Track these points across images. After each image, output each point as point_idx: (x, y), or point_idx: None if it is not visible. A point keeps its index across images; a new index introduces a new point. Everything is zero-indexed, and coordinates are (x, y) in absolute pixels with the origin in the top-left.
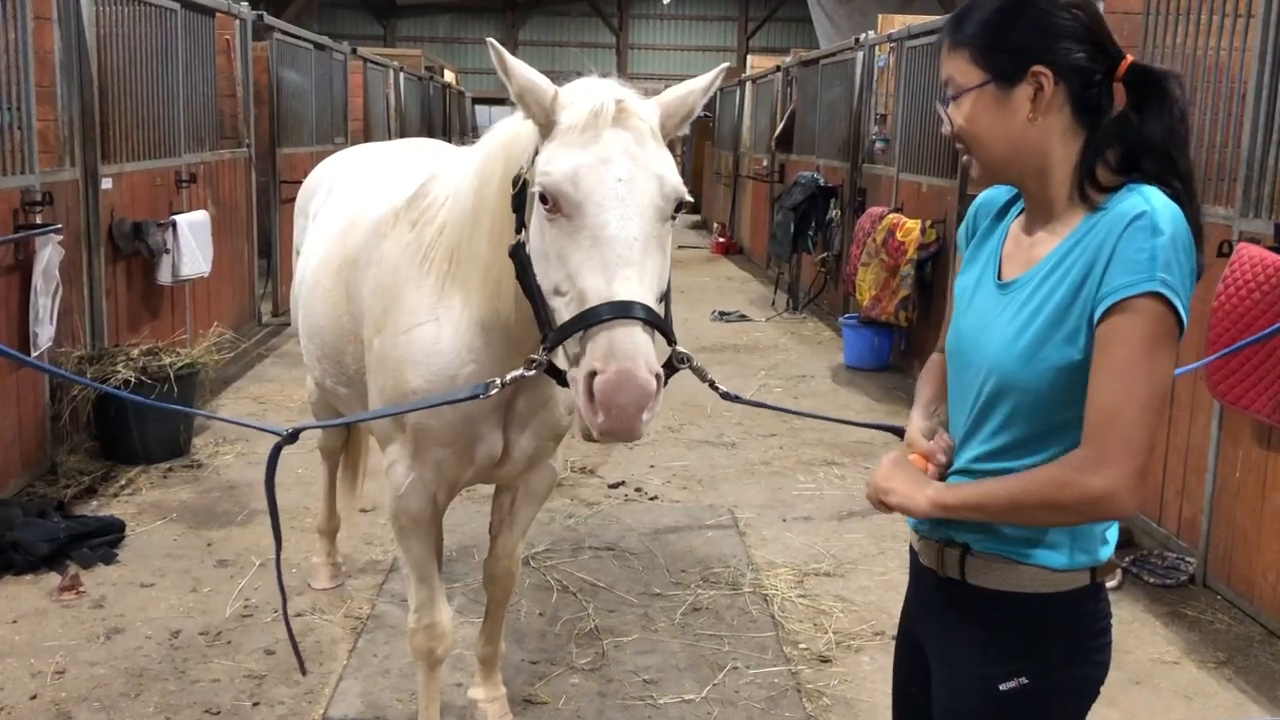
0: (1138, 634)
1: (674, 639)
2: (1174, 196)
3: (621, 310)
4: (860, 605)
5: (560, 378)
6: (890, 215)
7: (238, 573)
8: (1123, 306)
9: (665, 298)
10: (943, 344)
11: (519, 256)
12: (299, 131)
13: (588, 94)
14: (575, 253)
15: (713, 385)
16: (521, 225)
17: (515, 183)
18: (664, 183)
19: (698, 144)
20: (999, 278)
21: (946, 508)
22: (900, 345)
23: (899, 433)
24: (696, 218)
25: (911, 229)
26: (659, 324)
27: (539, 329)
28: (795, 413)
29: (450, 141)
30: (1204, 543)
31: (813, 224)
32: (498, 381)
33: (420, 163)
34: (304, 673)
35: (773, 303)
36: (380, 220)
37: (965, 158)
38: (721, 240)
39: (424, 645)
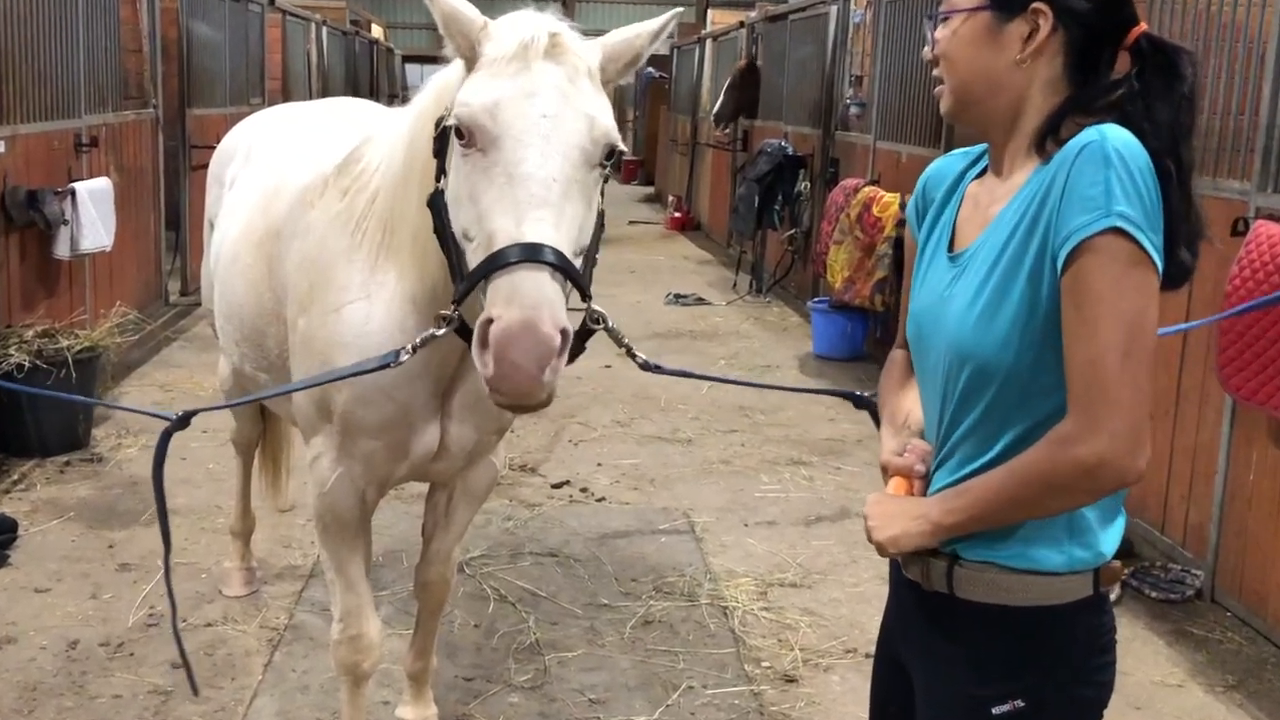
0: (1138, 654)
1: (623, 655)
2: (1160, 173)
3: (529, 253)
4: (830, 620)
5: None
6: (866, 188)
7: (142, 577)
8: (1082, 249)
9: (589, 257)
10: (902, 338)
11: (436, 205)
12: (211, 91)
13: (519, 25)
14: (488, 192)
15: (630, 351)
16: (442, 172)
17: (437, 125)
18: (594, 124)
19: (652, 108)
20: (951, 249)
21: (953, 528)
22: (875, 332)
23: (850, 398)
24: (649, 190)
25: (889, 203)
26: (571, 273)
27: (453, 284)
28: (727, 380)
29: (379, 103)
30: (1212, 553)
31: (779, 197)
32: (408, 347)
33: (352, 124)
34: (195, 692)
35: (734, 285)
36: (307, 188)
37: (938, 88)
38: (677, 215)
39: (348, 659)
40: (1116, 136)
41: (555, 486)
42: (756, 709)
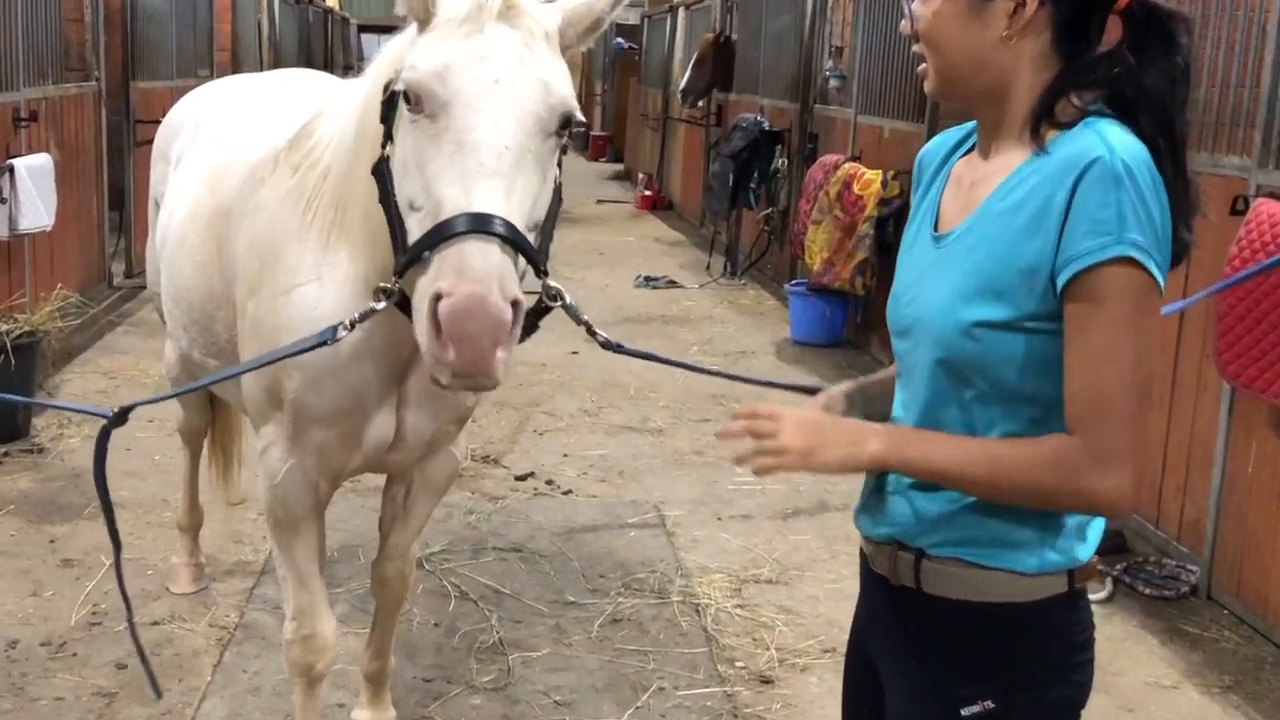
0: (1131, 653)
1: (590, 655)
2: (1152, 149)
3: (478, 224)
4: (807, 618)
5: None
6: (846, 165)
7: (84, 574)
8: (1093, 277)
9: (544, 232)
10: None
11: (381, 174)
12: (157, 62)
13: None
14: (436, 159)
15: (590, 330)
16: (388, 138)
17: (385, 90)
18: (550, 91)
19: (621, 81)
20: (935, 229)
21: (893, 468)
22: (856, 317)
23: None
24: (618, 167)
25: (871, 181)
26: (523, 246)
27: (395, 256)
28: (691, 368)
29: (333, 75)
30: (1209, 548)
31: (755, 175)
32: (346, 323)
33: (304, 98)
34: (158, 695)
35: (707, 267)
36: (257, 164)
37: (922, 66)
38: (648, 194)
39: (302, 659)
40: (1123, 148)
41: (519, 478)
42: (730, 711)
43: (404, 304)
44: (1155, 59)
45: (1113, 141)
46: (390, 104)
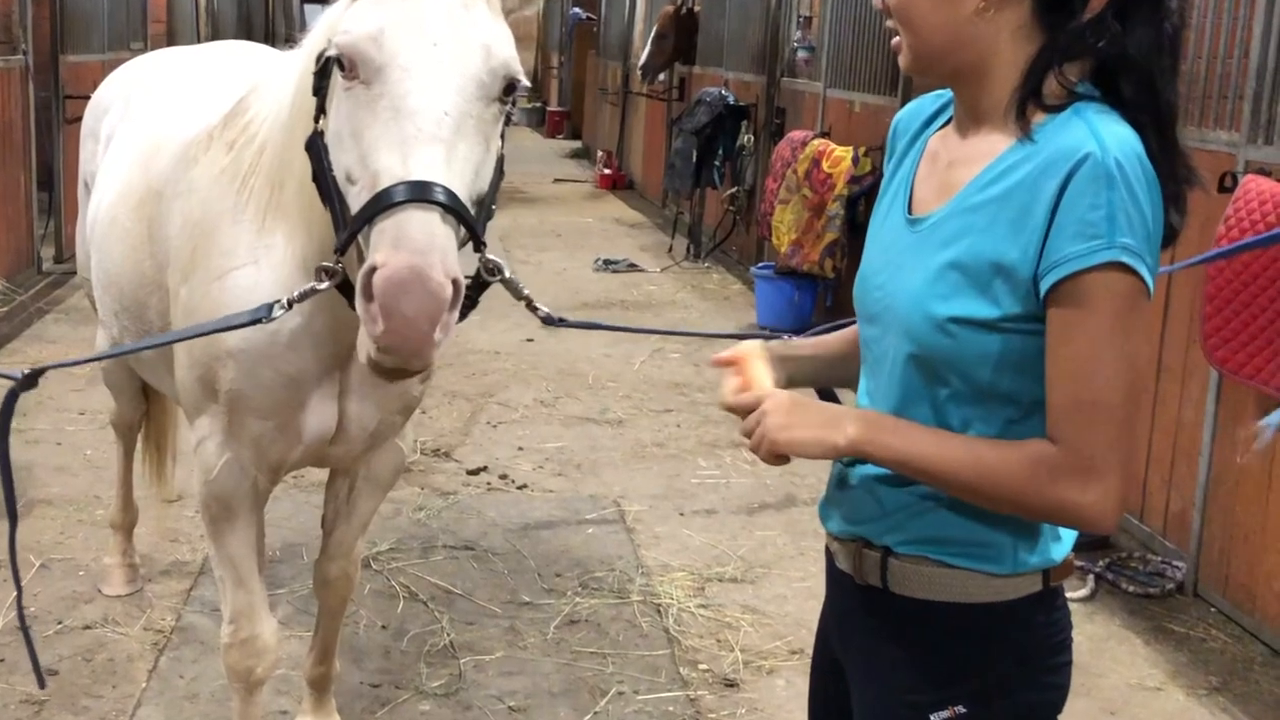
0: (1114, 654)
1: (546, 657)
2: (1138, 125)
3: (417, 192)
4: (774, 617)
5: None
6: (815, 141)
7: (9, 576)
8: (1080, 281)
9: (485, 205)
10: None
11: (315, 148)
12: (88, 35)
13: None
14: (372, 127)
15: (529, 304)
16: (321, 111)
17: (319, 60)
18: (491, 54)
19: (579, 54)
20: (909, 211)
21: (867, 457)
22: (825, 301)
23: (761, 338)
24: (576, 144)
25: (841, 158)
26: (465, 217)
27: (335, 233)
28: (640, 330)
29: (273, 47)
30: (1195, 543)
31: (719, 152)
32: (284, 300)
33: (240, 71)
34: (42, 685)
35: (670, 249)
36: (191, 142)
37: (895, 39)
38: (608, 172)
39: (240, 664)
40: (1116, 142)
41: (471, 473)
42: (693, 716)
43: (346, 286)
44: (1142, 25)
45: (1104, 135)
46: (324, 74)
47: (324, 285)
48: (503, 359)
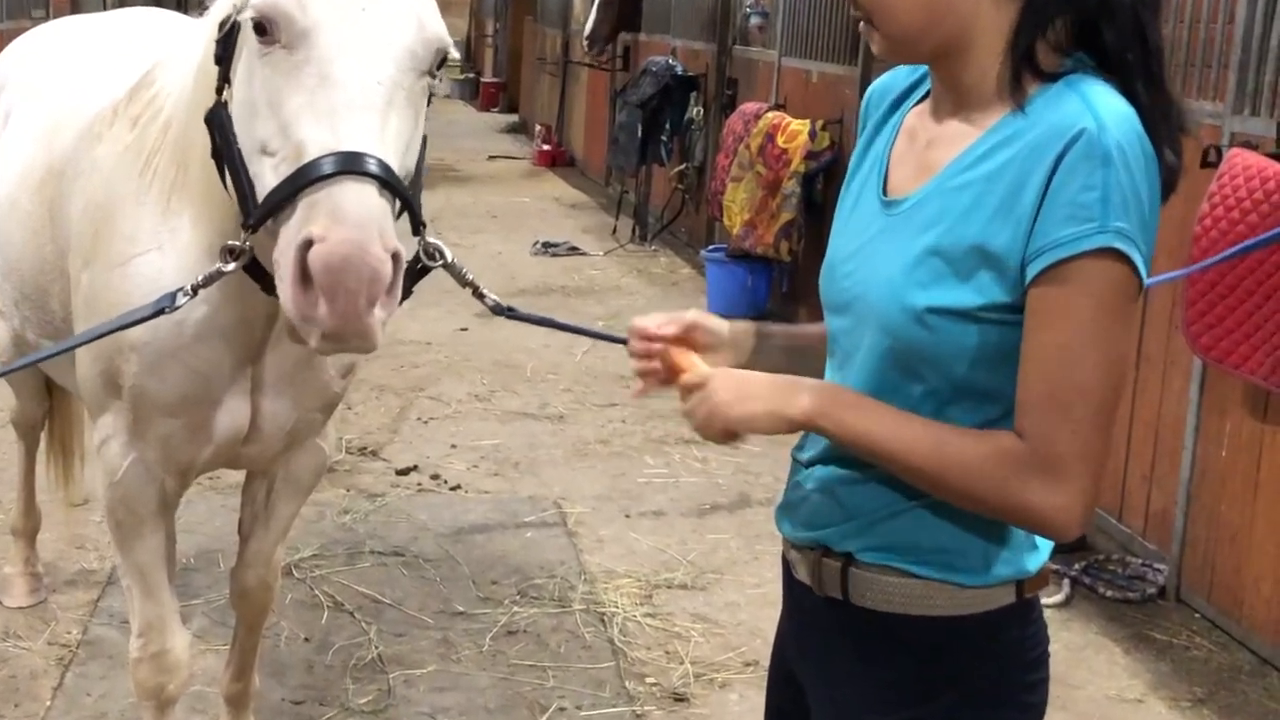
0: (1091, 664)
1: (482, 671)
2: (1128, 94)
3: (350, 163)
4: (726, 627)
5: (271, 282)
6: (769, 114)
7: None
8: (1067, 268)
9: (415, 184)
10: None
11: (218, 120)
12: None
13: None
14: (294, 95)
15: (476, 291)
16: (225, 81)
17: (222, 27)
18: (424, 25)
19: (515, 20)
20: (884, 192)
21: (820, 431)
22: (781, 286)
23: None
24: (513, 118)
25: (797, 132)
26: (401, 191)
27: (242, 209)
28: (599, 335)
29: (188, 14)
30: (1178, 544)
31: (667, 126)
32: (188, 287)
33: (148, 40)
34: None
35: (614, 231)
36: (95, 118)
37: (863, 25)
38: (546, 148)
39: (151, 680)
40: (1113, 117)
41: (401, 473)
42: None
43: (255, 267)
44: None
45: (1101, 110)
46: (227, 42)
47: (230, 267)
48: (434, 350)
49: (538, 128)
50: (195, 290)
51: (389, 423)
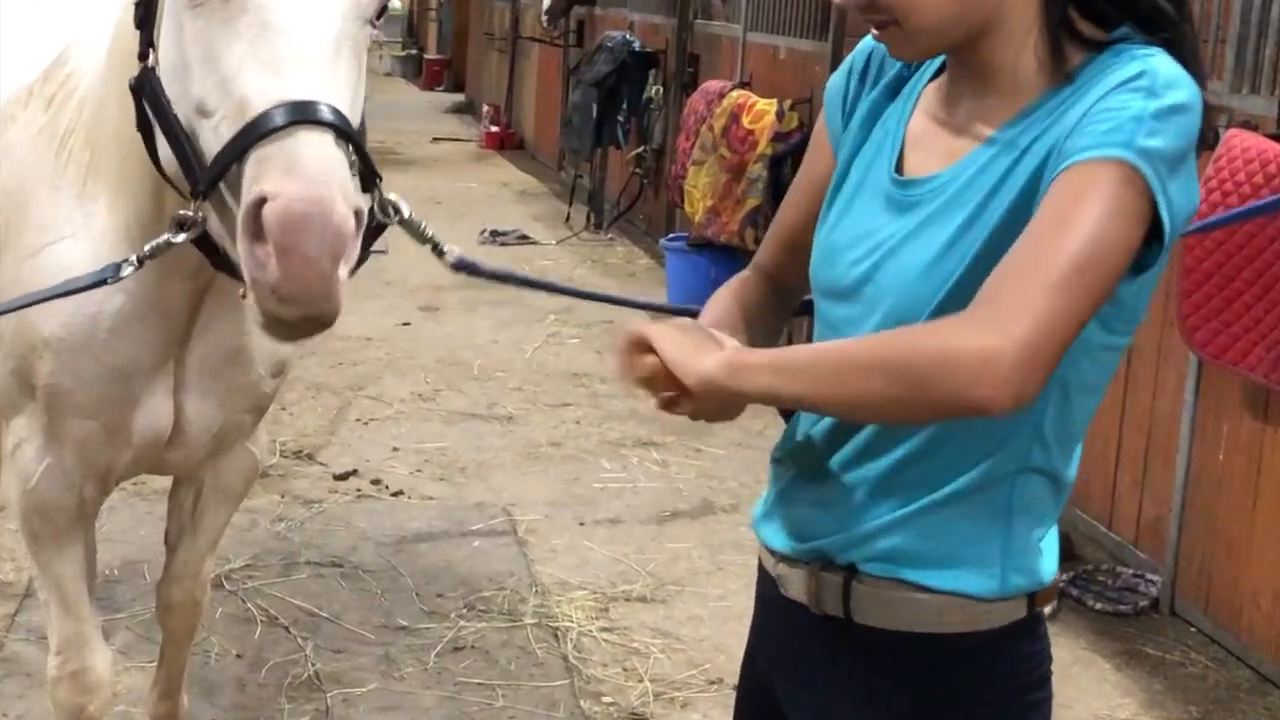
0: (1079, 681)
1: (427, 690)
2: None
3: (303, 113)
4: (688, 642)
5: (223, 258)
6: (734, 93)
7: None
8: (1078, 168)
9: (361, 137)
10: (765, 261)
11: (146, 87)
12: None
13: None
14: (233, 47)
15: (435, 247)
16: (149, 46)
17: None
18: None
19: None
20: (898, 171)
21: (742, 369)
22: None
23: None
24: (459, 98)
25: (764, 112)
26: (357, 141)
27: (188, 179)
28: (566, 291)
29: None
30: (1172, 553)
31: (624, 106)
32: (133, 259)
33: (70, 14)
34: None
35: (567, 218)
36: (8, 101)
37: (873, 32)
38: (495, 130)
39: (70, 700)
40: (1169, 72)
41: (339, 478)
42: None
43: (206, 241)
44: None
45: (1157, 65)
46: (150, 3)
47: (181, 237)
48: (375, 346)
49: (485, 108)
50: (141, 262)
51: (326, 424)
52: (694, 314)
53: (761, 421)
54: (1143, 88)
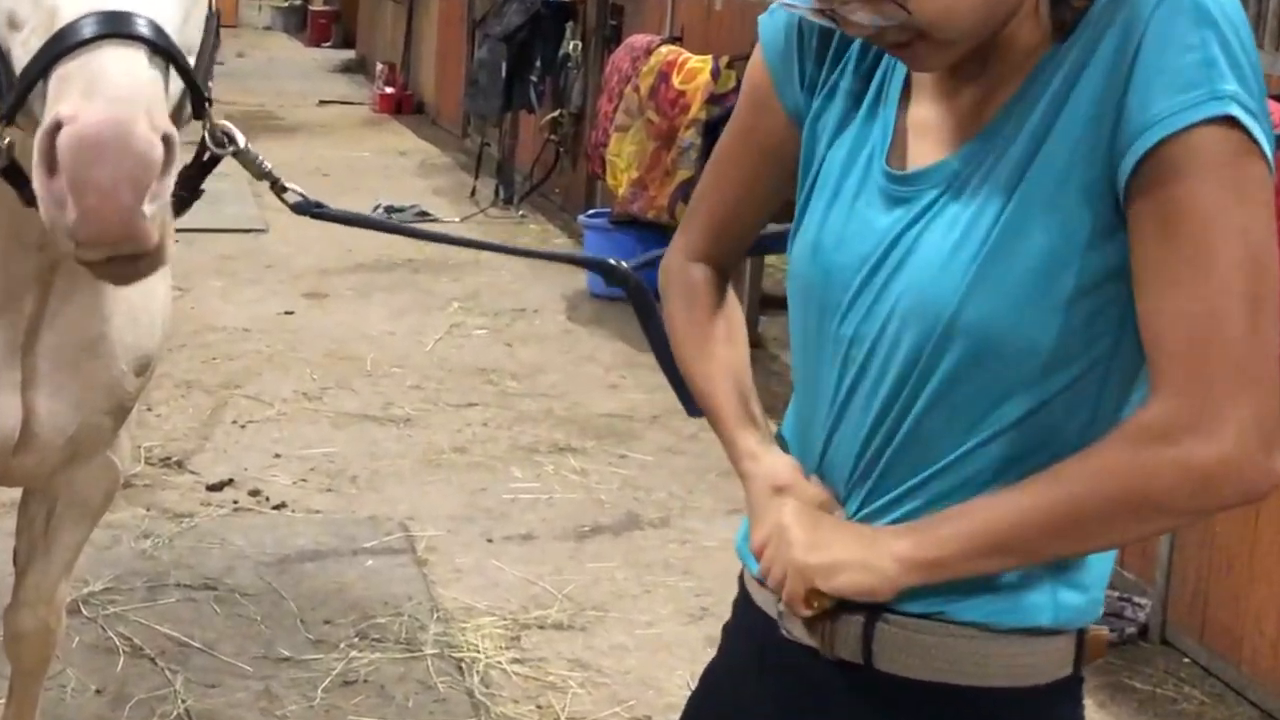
0: None
1: None
2: None
3: (113, 24)
4: (610, 675)
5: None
6: (663, 49)
7: None
8: (1169, 151)
9: (199, 68)
10: (709, 248)
11: None
12: None
13: None
14: None
15: (275, 184)
16: None
17: None
18: None
19: None
20: (897, 164)
21: (935, 567)
22: None
23: (606, 268)
24: (349, 55)
25: (697, 71)
26: (180, 60)
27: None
28: (436, 238)
29: None
30: (1163, 574)
31: (537, 64)
32: None
33: None
34: None
35: (473, 192)
36: None
37: (900, 51)
38: (390, 91)
39: None
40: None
41: (213, 488)
42: None
43: (15, 173)
44: None
45: None
46: None
47: None
48: (253, 338)
49: (379, 67)
50: None
51: (198, 427)
52: (610, 267)
53: (694, 425)
54: (1190, 9)
